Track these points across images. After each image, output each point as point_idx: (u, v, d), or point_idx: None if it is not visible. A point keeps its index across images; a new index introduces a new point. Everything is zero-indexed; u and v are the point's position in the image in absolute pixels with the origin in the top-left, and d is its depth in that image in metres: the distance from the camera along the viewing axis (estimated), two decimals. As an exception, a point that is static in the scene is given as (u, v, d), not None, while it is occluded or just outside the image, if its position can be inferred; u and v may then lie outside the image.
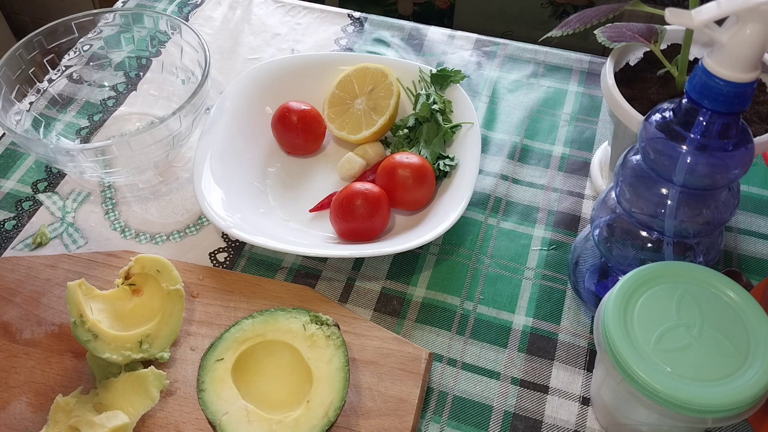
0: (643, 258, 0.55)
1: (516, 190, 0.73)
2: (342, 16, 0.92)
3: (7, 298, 0.62)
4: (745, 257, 0.67)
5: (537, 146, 0.77)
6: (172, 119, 0.65)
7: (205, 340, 0.59)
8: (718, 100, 0.44)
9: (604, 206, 0.57)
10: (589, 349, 0.60)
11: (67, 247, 0.68)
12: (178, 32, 0.74)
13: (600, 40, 0.61)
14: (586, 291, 0.62)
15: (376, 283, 0.65)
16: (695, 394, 0.43)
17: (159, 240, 0.69)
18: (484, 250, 0.68)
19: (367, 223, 0.65)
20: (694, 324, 0.47)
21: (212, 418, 0.51)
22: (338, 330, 0.55)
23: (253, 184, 0.72)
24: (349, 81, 0.75)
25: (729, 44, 0.42)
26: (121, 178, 0.71)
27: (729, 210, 0.51)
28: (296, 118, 0.72)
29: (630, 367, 0.45)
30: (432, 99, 0.73)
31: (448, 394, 0.58)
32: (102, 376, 0.56)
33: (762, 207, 0.71)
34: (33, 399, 0.56)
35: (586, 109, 0.81)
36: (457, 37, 0.89)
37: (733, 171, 0.48)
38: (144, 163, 0.68)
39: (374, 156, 0.73)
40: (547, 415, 0.57)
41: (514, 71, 0.85)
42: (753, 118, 0.59)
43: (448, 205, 0.66)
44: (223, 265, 0.67)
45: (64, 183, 0.73)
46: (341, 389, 0.52)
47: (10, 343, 0.59)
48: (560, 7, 1.47)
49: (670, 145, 0.48)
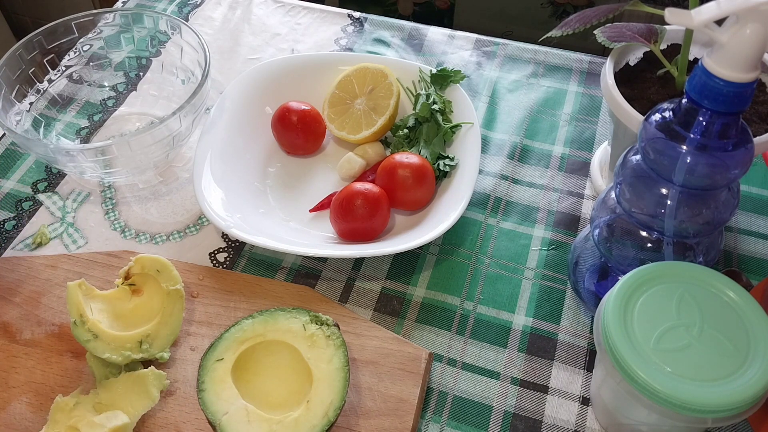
0: (643, 258, 0.55)
1: (516, 190, 0.73)
2: (342, 16, 0.92)
3: (7, 298, 0.62)
4: (745, 257, 0.67)
5: (537, 146, 0.77)
6: (172, 119, 0.65)
7: (205, 340, 0.59)
8: (718, 100, 0.44)
9: (604, 206, 0.57)
10: (589, 349, 0.60)
11: (67, 247, 0.68)
12: (178, 32, 0.74)
13: (600, 40, 0.61)
14: (586, 291, 0.62)
15: (376, 283, 0.65)
16: (695, 394, 0.43)
17: (159, 240, 0.69)
18: (484, 250, 0.68)
19: (367, 223, 0.65)
20: (694, 324, 0.47)
21: (212, 418, 0.51)
22: (338, 330, 0.55)
23: (253, 184, 0.72)
24: (349, 81, 0.75)
25: (729, 44, 0.42)
26: (121, 178, 0.71)
27: (729, 210, 0.51)
28: (296, 118, 0.72)
29: (630, 367, 0.45)
30: (432, 99, 0.73)
31: (448, 394, 0.58)
32: (102, 376, 0.56)
33: (762, 207, 0.71)
34: (33, 399, 0.56)
35: (586, 109, 0.81)
36: (457, 37, 0.89)
37: (733, 171, 0.48)
38: (144, 163, 0.68)
39: (374, 156, 0.73)
40: (547, 415, 0.57)
41: (514, 71, 0.85)
42: (753, 118, 0.59)
43: (448, 205, 0.66)
44: (223, 265, 0.67)
45: (64, 183, 0.73)
46: (341, 389, 0.52)
47: (10, 343, 0.59)
48: (560, 7, 1.47)
49: (670, 145, 0.48)
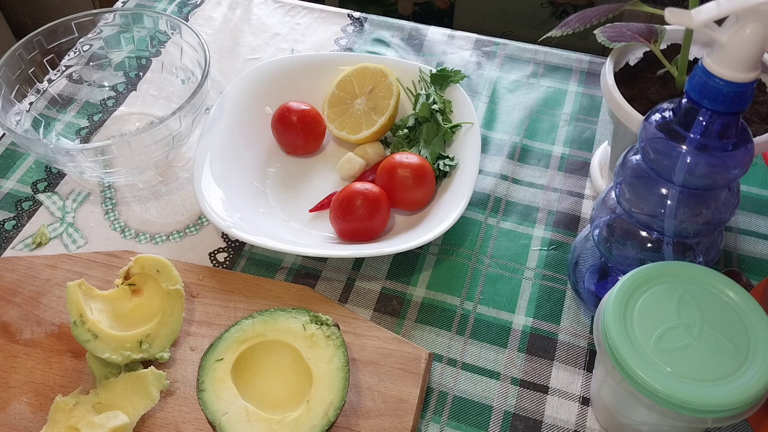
0: (643, 258, 0.55)
1: (516, 190, 0.73)
2: (342, 16, 0.92)
3: (7, 298, 0.62)
4: (745, 257, 0.67)
5: (537, 146, 0.77)
6: (172, 119, 0.65)
7: (205, 340, 0.59)
8: (718, 100, 0.44)
9: (604, 206, 0.57)
10: (589, 349, 0.60)
11: (67, 247, 0.68)
12: (177, 32, 0.74)
13: (600, 40, 0.61)
14: (586, 291, 0.62)
15: (376, 283, 0.65)
16: (695, 394, 0.43)
17: (159, 240, 0.69)
18: (484, 250, 0.68)
19: (367, 223, 0.65)
20: (694, 324, 0.47)
21: (212, 418, 0.51)
22: (338, 330, 0.55)
23: (253, 184, 0.72)
24: (348, 81, 0.75)
25: (729, 44, 0.42)
26: (120, 178, 0.71)
27: (729, 210, 0.51)
28: (296, 118, 0.72)
29: (630, 367, 0.45)
30: (432, 99, 0.73)
31: (448, 394, 0.58)
32: (102, 376, 0.56)
33: (762, 207, 0.71)
34: (33, 399, 0.56)
35: (586, 109, 0.81)
36: (457, 37, 0.89)
37: (733, 171, 0.48)
38: (144, 163, 0.68)
39: (374, 156, 0.73)
40: (547, 415, 0.57)
41: (514, 71, 0.85)
42: (753, 118, 0.59)
43: (447, 205, 0.66)
44: (223, 265, 0.67)
45: (64, 183, 0.73)
46: (341, 389, 0.52)
47: (10, 343, 0.59)
48: (560, 7, 1.47)
49: (670, 145, 0.48)
